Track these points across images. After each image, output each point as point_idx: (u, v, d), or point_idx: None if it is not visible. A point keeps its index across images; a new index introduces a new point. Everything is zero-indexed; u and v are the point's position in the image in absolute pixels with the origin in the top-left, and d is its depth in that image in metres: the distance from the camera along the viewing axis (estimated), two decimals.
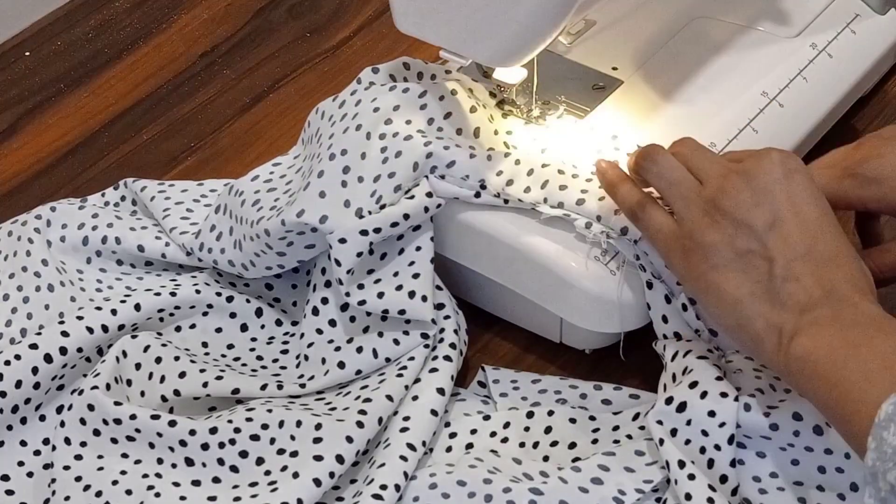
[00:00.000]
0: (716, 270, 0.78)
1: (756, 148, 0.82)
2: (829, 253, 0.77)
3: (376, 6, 1.21)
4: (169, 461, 0.83)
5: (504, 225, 0.88)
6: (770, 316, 0.76)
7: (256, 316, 0.93)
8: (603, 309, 0.86)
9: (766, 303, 0.77)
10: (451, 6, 0.84)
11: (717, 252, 0.78)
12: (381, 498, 0.79)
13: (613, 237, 0.85)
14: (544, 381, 0.89)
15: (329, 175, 0.87)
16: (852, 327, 0.74)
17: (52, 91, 1.16)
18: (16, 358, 0.86)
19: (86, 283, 0.94)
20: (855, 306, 0.75)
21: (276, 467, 0.82)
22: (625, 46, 0.99)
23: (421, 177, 0.88)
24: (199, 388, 0.86)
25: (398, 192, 0.87)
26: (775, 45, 0.99)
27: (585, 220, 0.85)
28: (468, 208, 0.89)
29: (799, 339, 0.75)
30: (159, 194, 0.98)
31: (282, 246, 0.88)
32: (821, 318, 0.75)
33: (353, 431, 0.82)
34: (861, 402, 0.70)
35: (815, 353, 0.74)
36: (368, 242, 0.85)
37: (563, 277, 0.86)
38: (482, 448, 0.84)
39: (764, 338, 0.76)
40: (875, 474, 0.67)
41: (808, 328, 0.75)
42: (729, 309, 0.78)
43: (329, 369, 0.87)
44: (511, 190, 0.87)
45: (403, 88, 0.89)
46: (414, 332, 0.87)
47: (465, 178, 0.88)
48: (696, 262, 0.79)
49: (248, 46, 1.19)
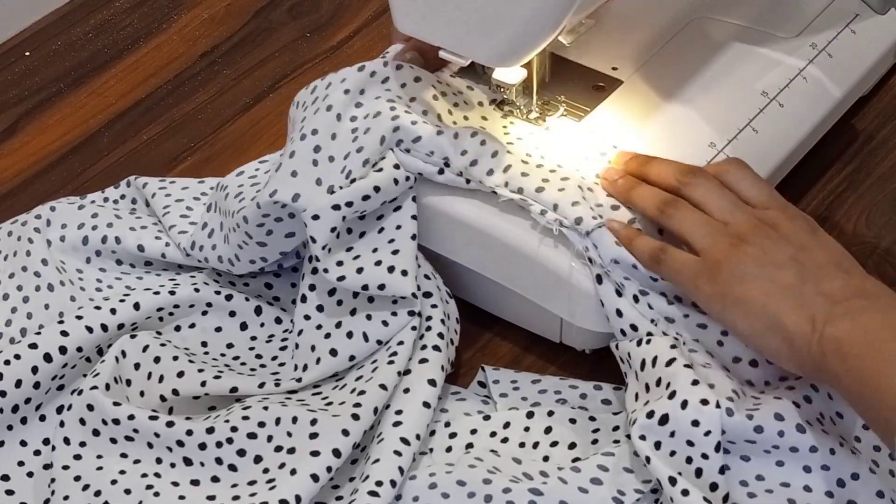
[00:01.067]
0: (743, 283, 0.79)
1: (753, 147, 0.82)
2: (855, 271, 0.79)
3: (376, 6, 1.21)
4: (168, 461, 0.84)
5: (502, 224, 0.88)
6: (801, 310, 0.77)
7: (256, 314, 0.93)
8: (600, 308, 0.86)
9: (797, 299, 0.77)
10: (451, 6, 0.84)
11: (746, 267, 0.79)
12: (378, 495, 0.79)
13: (566, 226, 0.85)
14: (544, 381, 0.89)
15: (300, 155, 0.87)
16: (887, 311, 0.74)
17: (52, 91, 1.16)
18: (15, 357, 0.86)
19: (85, 283, 0.94)
20: (891, 296, 0.76)
21: (273, 465, 0.82)
22: (625, 46, 0.99)
23: (387, 150, 0.89)
24: (198, 388, 0.86)
25: (366, 166, 0.88)
26: (775, 45, 0.99)
27: (541, 207, 0.86)
28: (462, 204, 0.89)
29: (835, 322, 0.75)
30: (160, 191, 0.98)
31: (261, 235, 0.88)
32: (855, 306, 0.76)
33: (348, 424, 0.82)
34: (893, 382, 0.70)
35: (852, 334, 0.74)
36: (341, 217, 0.86)
37: (560, 276, 0.86)
38: (482, 448, 0.84)
39: (796, 330, 0.77)
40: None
41: (841, 316, 0.75)
42: (758, 313, 0.78)
43: (320, 357, 0.87)
44: (474, 170, 0.88)
45: (371, 71, 0.90)
46: (401, 311, 0.87)
47: (429, 154, 0.89)
48: (723, 281, 0.80)
49: (248, 46, 1.19)
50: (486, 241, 0.89)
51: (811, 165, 1.01)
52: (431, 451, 0.85)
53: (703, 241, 0.82)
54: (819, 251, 0.80)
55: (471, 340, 0.93)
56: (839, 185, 1.02)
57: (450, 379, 0.90)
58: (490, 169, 0.88)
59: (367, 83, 0.90)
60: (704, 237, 0.82)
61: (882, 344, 0.72)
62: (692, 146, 0.92)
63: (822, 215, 1.00)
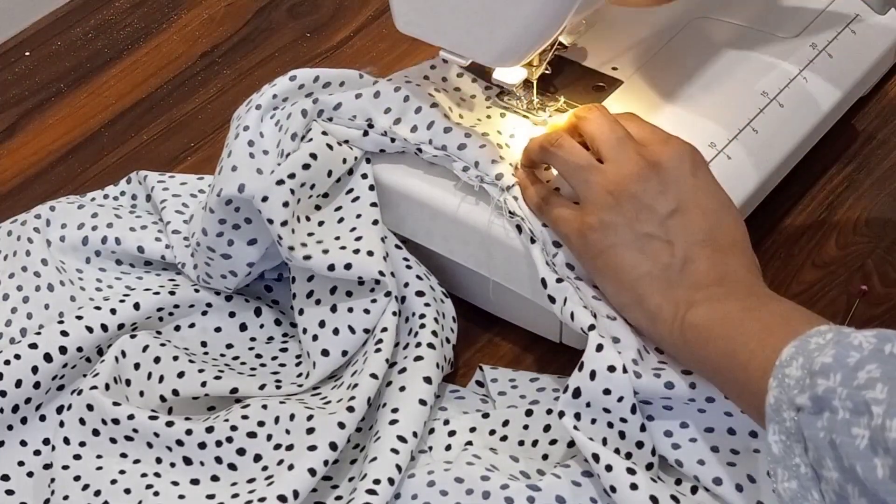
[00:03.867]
0: (615, 249, 0.80)
1: (753, 147, 0.82)
2: (726, 241, 0.80)
3: (376, 6, 1.21)
4: (167, 460, 0.84)
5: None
6: (666, 292, 0.78)
7: (255, 315, 0.93)
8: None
9: (664, 282, 0.79)
10: (451, 6, 0.84)
11: (618, 232, 0.80)
12: (376, 493, 0.79)
13: (487, 182, 0.86)
14: (542, 379, 0.89)
15: (237, 151, 0.89)
16: (746, 298, 0.76)
17: (52, 91, 1.16)
18: (15, 357, 0.86)
19: (85, 283, 0.94)
20: (747, 287, 0.78)
21: (272, 462, 0.82)
22: (625, 46, 0.99)
23: (311, 122, 0.91)
24: (198, 388, 0.86)
25: (296, 140, 0.89)
26: (775, 45, 0.99)
27: (463, 164, 0.87)
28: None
29: (695, 308, 0.77)
30: (158, 184, 0.98)
31: (223, 246, 0.89)
32: (715, 293, 0.77)
33: (344, 417, 0.82)
34: (760, 353, 0.71)
35: (711, 318, 0.76)
36: (289, 190, 0.86)
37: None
38: (481, 446, 0.84)
39: (659, 313, 0.78)
40: (778, 408, 0.68)
41: (702, 302, 0.77)
42: (627, 287, 0.80)
43: (315, 361, 0.87)
44: (398, 129, 0.90)
45: (291, 76, 0.92)
46: (379, 296, 0.87)
47: (352, 119, 0.91)
48: (596, 240, 0.81)
49: (248, 46, 1.19)
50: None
51: (811, 165, 1.01)
52: (430, 449, 0.85)
53: (581, 189, 0.82)
54: (695, 211, 0.80)
55: (470, 340, 0.93)
56: (839, 185, 1.02)
57: (449, 378, 0.90)
58: (414, 125, 0.89)
59: (292, 93, 0.91)
60: (580, 184, 0.82)
61: (743, 328, 0.73)
62: None
63: (822, 215, 1.00)
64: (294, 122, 0.90)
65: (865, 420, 0.64)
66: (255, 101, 0.91)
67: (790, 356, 0.69)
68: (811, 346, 0.68)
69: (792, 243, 0.98)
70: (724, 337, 0.74)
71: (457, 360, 0.92)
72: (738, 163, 0.92)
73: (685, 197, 0.80)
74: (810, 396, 0.66)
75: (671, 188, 0.80)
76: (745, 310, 0.75)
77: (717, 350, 0.75)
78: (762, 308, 0.75)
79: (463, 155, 0.88)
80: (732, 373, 0.73)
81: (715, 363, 0.75)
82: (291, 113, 0.90)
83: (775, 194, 0.96)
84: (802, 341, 0.69)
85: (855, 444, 0.64)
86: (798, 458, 0.68)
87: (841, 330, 0.69)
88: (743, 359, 0.72)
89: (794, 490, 0.68)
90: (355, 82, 0.93)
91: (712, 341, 0.75)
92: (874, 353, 0.66)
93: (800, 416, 0.67)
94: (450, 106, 0.91)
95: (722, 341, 0.74)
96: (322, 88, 0.92)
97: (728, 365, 0.74)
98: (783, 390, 0.68)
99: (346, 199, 0.91)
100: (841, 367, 0.66)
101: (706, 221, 0.80)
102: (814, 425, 0.66)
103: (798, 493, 0.67)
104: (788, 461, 0.68)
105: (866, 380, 0.64)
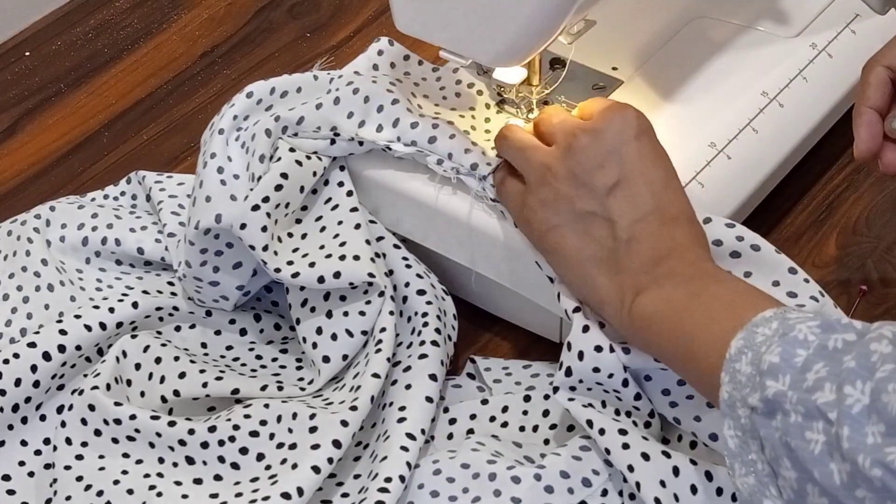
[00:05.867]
0: (557, 231, 0.80)
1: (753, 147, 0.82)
2: (671, 213, 0.79)
3: (376, 6, 1.21)
4: (170, 460, 0.84)
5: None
6: (611, 279, 0.78)
7: (255, 321, 0.93)
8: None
9: (607, 265, 0.78)
10: (451, 6, 0.84)
11: (558, 212, 0.80)
12: (388, 491, 0.79)
13: (463, 173, 0.87)
14: (535, 366, 0.90)
15: (208, 181, 0.89)
16: (690, 281, 0.75)
17: (52, 91, 1.16)
18: (14, 356, 0.86)
19: (85, 283, 0.94)
20: (692, 264, 0.76)
21: (276, 461, 0.82)
22: (625, 46, 0.99)
23: (276, 140, 0.90)
24: (199, 389, 0.86)
25: (264, 162, 0.89)
26: (775, 45, 0.99)
27: (437, 157, 0.87)
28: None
29: (640, 298, 0.76)
30: (156, 184, 0.98)
31: (209, 274, 0.89)
32: (660, 276, 0.76)
33: (347, 416, 0.82)
34: (709, 343, 0.71)
35: (657, 308, 0.75)
36: (265, 214, 0.86)
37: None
38: (483, 433, 0.85)
39: (606, 300, 0.78)
40: (732, 405, 0.68)
41: (648, 288, 0.76)
42: (572, 269, 0.79)
43: (319, 368, 0.87)
44: (364, 132, 0.89)
45: (247, 92, 0.91)
46: (373, 296, 0.87)
47: (317, 130, 0.90)
48: (540, 221, 0.80)
49: (248, 46, 1.19)
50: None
51: (811, 165, 1.01)
52: (433, 438, 0.85)
53: (523, 168, 0.82)
54: (638, 182, 0.79)
55: (470, 340, 0.93)
56: (839, 184, 1.02)
57: (448, 376, 0.90)
58: (379, 125, 0.89)
59: (252, 109, 0.91)
60: (522, 164, 0.82)
61: (689, 316, 0.73)
62: (692, 146, 0.92)
63: (822, 215, 1.00)
64: (259, 143, 0.89)
65: (819, 425, 0.63)
66: (217, 124, 0.91)
67: (738, 350, 0.68)
68: (758, 338, 0.68)
69: (792, 243, 0.98)
70: (670, 329, 0.74)
71: (457, 359, 0.92)
72: (738, 163, 0.92)
73: (628, 167, 0.79)
74: (761, 398, 0.66)
75: (612, 158, 0.79)
76: (690, 295, 0.74)
77: (666, 340, 0.74)
78: (705, 292, 0.74)
79: (434, 148, 0.88)
80: (683, 363, 0.74)
81: (665, 352, 0.75)
82: (255, 133, 0.90)
83: (775, 194, 0.96)
84: (749, 332, 0.68)
85: (809, 449, 0.64)
86: (754, 455, 0.68)
87: (785, 316, 0.68)
88: (692, 349, 0.72)
89: (753, 485, 0.68)
90: (311, 85, 0.92)
91: (660, 332, 0.75)
92: (819, 349, 0.65)
93: (753, 415, 0.67)
94: (408, 97, 0.91)
95: (669, 333, 0.74)
96: (280, 99, 0.92)
97: (679, 354, 0.74)
98: (735, 387, 0.68)
99: (325, 209, 0.90)
100: (790, 369, 0.65)
101: (651, 192, 0.79)
102: (768, 425, 0.66)
103: (756, 488, 0.68)
104: (745, 456, 0.68)
105: (815, 381, 0.64)
